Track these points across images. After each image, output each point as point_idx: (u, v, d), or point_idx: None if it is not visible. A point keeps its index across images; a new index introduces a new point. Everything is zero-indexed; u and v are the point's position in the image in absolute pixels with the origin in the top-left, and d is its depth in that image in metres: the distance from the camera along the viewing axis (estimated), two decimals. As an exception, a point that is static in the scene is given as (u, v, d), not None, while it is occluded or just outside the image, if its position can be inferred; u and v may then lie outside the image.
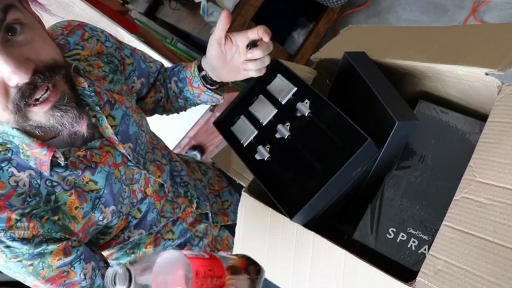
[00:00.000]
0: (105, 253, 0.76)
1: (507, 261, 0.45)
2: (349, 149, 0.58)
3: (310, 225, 0.65)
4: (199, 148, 1.55)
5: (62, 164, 0.61)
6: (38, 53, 0.53)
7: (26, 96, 0.52)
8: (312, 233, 0.62)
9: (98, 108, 0.66)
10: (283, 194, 0.63)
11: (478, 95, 0.63)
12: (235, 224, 0.88)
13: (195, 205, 0.83)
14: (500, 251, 0.46)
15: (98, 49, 0.73)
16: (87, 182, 0.64)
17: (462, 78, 0.61)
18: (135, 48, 0.84)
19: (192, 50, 2.05)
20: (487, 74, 0.55)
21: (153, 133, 0.86)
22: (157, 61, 0.88)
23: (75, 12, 1.24)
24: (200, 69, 0.77)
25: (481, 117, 0.65)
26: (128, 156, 0.70)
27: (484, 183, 0.50)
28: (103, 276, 0.67)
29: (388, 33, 0.80)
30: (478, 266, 0.47)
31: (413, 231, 0.64)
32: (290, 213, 0.62)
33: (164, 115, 0.94)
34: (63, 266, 0.61)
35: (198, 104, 0.87)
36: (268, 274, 0.71)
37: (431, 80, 0.69)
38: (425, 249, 0.62)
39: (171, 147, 1.46)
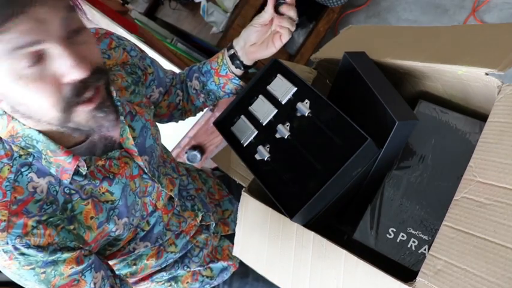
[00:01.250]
0: (112, 258, 0.75)
1: (507, 261, 0.45)
2: (349, 149, 0.58)
3: (310, 225, 0.65)
4: (199, 148, 1.55)
5: (84, 173, 0.61)
6: (92, 54, 0.54)
7: (78, 94, 0.52)
8: (312, 233, 0.62)
9: (122, 118, 0.66)
10: (283, 194, 0.63)
11: (478, 95, 0.63)
12: (234, 234, 0.89)
13: (199, 218, 0.83)
14: (500, 251, 0.46)
15: (123, 59, 0.74)
16: (103, 193, 0.64)
17: (462, 78, 0.61)
18: (154, 59, 0.84)
19: (192, 50, 2.05)
20: (487, 74, 0.55)
21: (163, 146, 0.87)
22: (169, 70, 0.89)
23: (75, 12, 1.24)
24: (229, 49, 0.79)
25: (481, 117, 0.65)
26: (145, 168, 0.69)
27: (484, 183, 0.50)
28: (111, 286, 0.66)
29: (388, 33, 0.80)
30: (478, 266, 0.47)
31: (413, 231, 0.64)
32: (290, 213, 0.62)
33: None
34: (75, 275, 0.61)
35: (220, 98, 0.87)
36: (268, 274, 0.71)
37: (431, 80, 0.69)
38: (425, 249, 0.62)
39: (171, 147, 1.46)
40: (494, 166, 0.50)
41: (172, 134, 1.46)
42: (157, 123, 0.82)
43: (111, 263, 0.74)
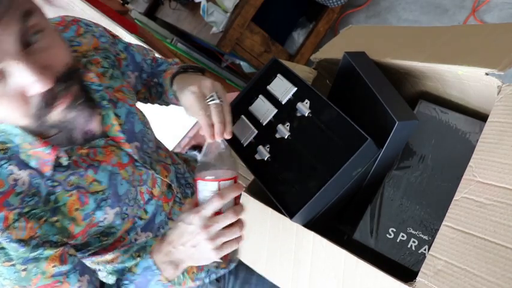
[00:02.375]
0: (110, 256, 0.72)
1: (507, 261, 0.45)
2: (349, 149, 0.58)
3: (310, 225, 0.65)
4: (199, 148, 1.55)
5: (65, 164, 0.60)
6: (56, 59, 0.53)
7: (46, 102, 0.52)
8: (312, 233, 0.62)
9: (105, 102, 0.65)
10: (283, 194, 0.63)
11: (478, 95, 0.63)
12: None
13: None
14: (500, 251, 0.46)
15: (94, 44, 0.71)
16: (91, 183, 0.62)
17: (462, 78, 0.61)
18: (130, 43, 0.83)
19: (192, 50, 2.05)
20: (487, 74, 0.55)
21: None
22: (150, 55, 0.86)
23: (75, 12, 1.24)
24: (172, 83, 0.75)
25: (481, 117, 0.65)
26: (134, 155, 0.68)
27: (484, 183, 0.50)
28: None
29: (388, 33, 0.80)
30: (478, 266, 0.47)
31: (413, 231, 0.64)
32: (290, 213, 0.62)
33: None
34: (58, 276, 0.58)
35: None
36: (268, 274, 0.71)
37: (431, 80, 0.69)
38: (425, 249, 0.62)
39: (171, 147, 1.46)
40: (494, 166, 0.50)
41: (173, 134, 1.46)
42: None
43: (113, 255, 0.72)
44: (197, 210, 0.57)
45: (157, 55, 0.92)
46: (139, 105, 0.86)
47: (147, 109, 0.89)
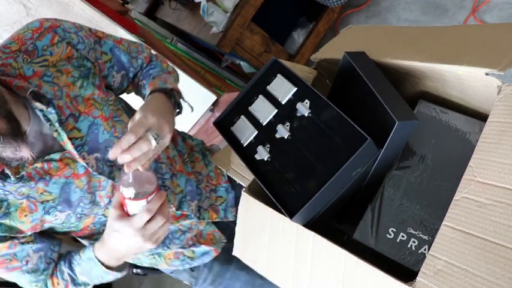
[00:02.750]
0: (83, 233, 0.79)
1: (507, 261, 0.45)
2: (349, 149, 0.58)
3: (310, 225, 0.65)
4: (199, 148, 1.55)
5: (13, 179, 0.64)
6: None
7: None
8: (312, 233, 0.62)
9: (57, 124, 0.67)
10: (283, 194, 0.63)
11: (478, 95, 0.63)
12: (223, 222, 0.89)
13: (173, 207, 0.82)
14: (500, 251, 0.46)
15: (67, 53, 0.73)
16: (41, 193, 0.68)
17: (462, 78, 0.61)
18: (120, 41, 0.83)
19: (192, 50, 2.05)
20: (487, 74, 0.55)
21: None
22: (142, 55, 0.86)
23: (75, 12, 1.24)
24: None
25: (481, 117, 0.65)
26: (91, 168, 0.71)
27: (484, 183, 0.50)
28: (47, 263, 0.75)
29: (388, 33, 0.80)
30: (478, 266, 0.47)
31: (413, 231, 0.64)
32: (290, 213, 0.62)
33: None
34: (7, 255, 0.70)
35: None
36: (268, 274, 0.71)
37: (431, 80, 0.69)
38: (425, 249, 0.62)
39: (171, 147, 1.46)
40: (494, 166, 0.50)
41: (172, 134, 1.45)
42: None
43: (85, 242, 0.80)
44: (130, 223, 0.63)
45: (153, 52, 0.91)
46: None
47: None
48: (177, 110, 0.80)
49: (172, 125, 0.70)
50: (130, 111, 0.85)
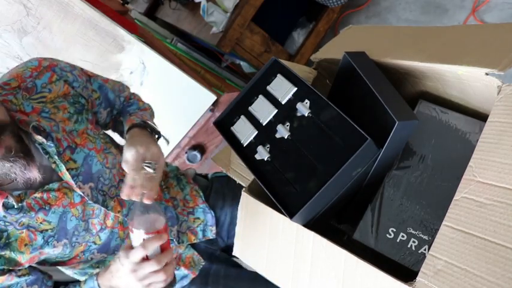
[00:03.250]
0: (71, 263, 0.80)
1: (507, 261, 0.45)
2: (349, 149, 0.58)
3: (310, 225, 0.65)
4: (199, 148, 1.55)
5: (16, 207, 0.67)
6: None
7: None
8: (312, 233, 0.62)
9: (56, 157, 0.70)
10: (283, 194, 0.63)
11: (478, 95, 0.63)
12: (200, 244, 0.91)
13: None
14: (500, 251, 0.46)
15: (64, 91, 0.77)
16: (41, 223, 0.70)
17: (462, 78, 0.61)
18: (106, 80, 0.88)
19: (192, 50, 2.05)
20: (487, 74, 0.55)
21: None
22: (123, 93, 0.91)
23: (75, 12, 1.24)
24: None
25: (481, 117, 0.65)
26: (86, 197, 0.73)
27: (484, 183, 0.50)
28: None
29: (388, 33, 0.80)
30: (478, 266, 0.47)
31: (413, 231, 0.64)
32: (290, 213, 0.62)
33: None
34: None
35: None
36: (268, 274, 0.71)
37: (431, 80, 0.69)
38: (425, 249, 0.62)
39: (171, 147, 1.46)
40: (494, 166, 0.50)
41: (173, 134, 1.46)
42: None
43: (73, 265, 0.81)
44: (127, 255, 0.66)
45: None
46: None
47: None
48: (157, 136, 0.83)
49: (159, 148, 0.74)
50: (114, 143, 0.89)
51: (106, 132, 0.93)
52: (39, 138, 0.68)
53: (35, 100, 0.74)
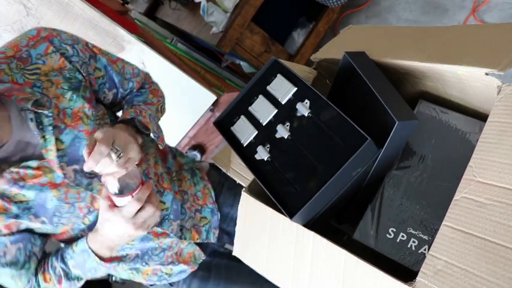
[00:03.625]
0: (60, 238, 0.80)
1: (507, 261, 0.45)
2: (349, 149, 0.58)
3: (310, 225, 0.65)
4: (199, 148, 1.55)
5: None
6: None
7: None
8: (312, 233, 0.62)
9: (51, 128, 0.69)
10: (283, 194, 0.63)
11: (478, 95, 0.63)
12: (204, 243, 0.91)
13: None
14: (500, 251, 0.46)
15: (59, 64, 0.74)
16: (16, 194, 0.69)
17: (462, 78, 0.61)
18: (115, 60, 0.84)
19: (192, 50, 2.05)
20: (487, 74, 0.55)
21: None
22: (136, 78, 0.87)
23: (75, 12, 1.24)
24: None
25: (481, 117, 0.65)
26: (68, 179, 0.72)
27: (484, 183, 0.50)
28: (28, 256, 0.75)
29: (388, 33, 0.80)
30: (478, 266, 0.47)
31: (413, 231, 0.64)
32: (290, 213, 0.62)
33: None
34: None
35: None
36: (268, 274, 0.71)
37: (431, 80, 0.69)
38: (425, 249, 0.62)
39: (171, 147, 1.46)
40: (494, 166, 0.50)
41: (173, 134, 1.46)
42: None
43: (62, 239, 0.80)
44: (120, 214, 0.66)
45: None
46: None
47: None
48: (147, 133, 0.79)
49: (132, 141, 0.69)
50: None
51: (112, 111, 0.89)
52: (40, 109, 0.67)
53: (29, 71, 0.71)
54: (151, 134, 0.81)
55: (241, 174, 0.77)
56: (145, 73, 0.92)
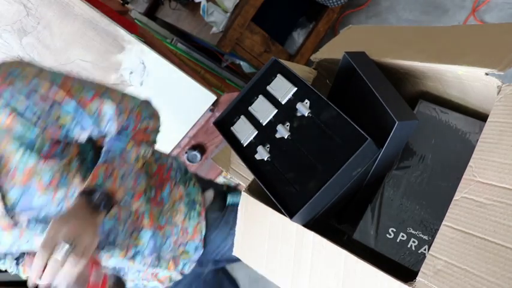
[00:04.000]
0: None
1: (507, 261, 0.45)
2: (349, 149, 0.58)
3: (310, 225, 0.65)
4: (199, 148, 1.55)
5: None
6: None
7: None
8: (312, 233, 0.62)
9: None
10: (283, 194, 0.63)
11: (478, 95, 0.63)
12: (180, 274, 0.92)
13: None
14: (500, 251, 0.46)
15: (7, 124, 0.64)
16: None
17: (462, 78, 0.61)
18: (90, 100, 0.72)
19: (192, 50, 2.05)
20: (487, 74, 0.55)
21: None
22: (116, 119, 0.75)
23: (75, 12, 1.24)
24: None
25: (481, 117, 0.65)
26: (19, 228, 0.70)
27: (484, 183, 0.50)
28: None
29: (388, 33, 0.80)
30: (478, 266, 0.47)
31: (413, 231, 0.64)
32: (290, 213, 0.62)
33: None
34: None
35: None
36: (268, 274, 0.71)
37: (431, 80, 0.69)
38: (425, 249, 0.62)
39: (171, 147, 1.46)
40: (494, 166, 0.50)
41: (172, 134, 1.46)
42: None
43: None
44: None
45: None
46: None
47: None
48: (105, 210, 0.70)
49: (89, 227, 0.63)
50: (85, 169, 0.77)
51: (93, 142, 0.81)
52: None
53: None
54: (122, 202, 0.77)
55: (241, 174, 0.77)
56: (141, 102, 0.81)
